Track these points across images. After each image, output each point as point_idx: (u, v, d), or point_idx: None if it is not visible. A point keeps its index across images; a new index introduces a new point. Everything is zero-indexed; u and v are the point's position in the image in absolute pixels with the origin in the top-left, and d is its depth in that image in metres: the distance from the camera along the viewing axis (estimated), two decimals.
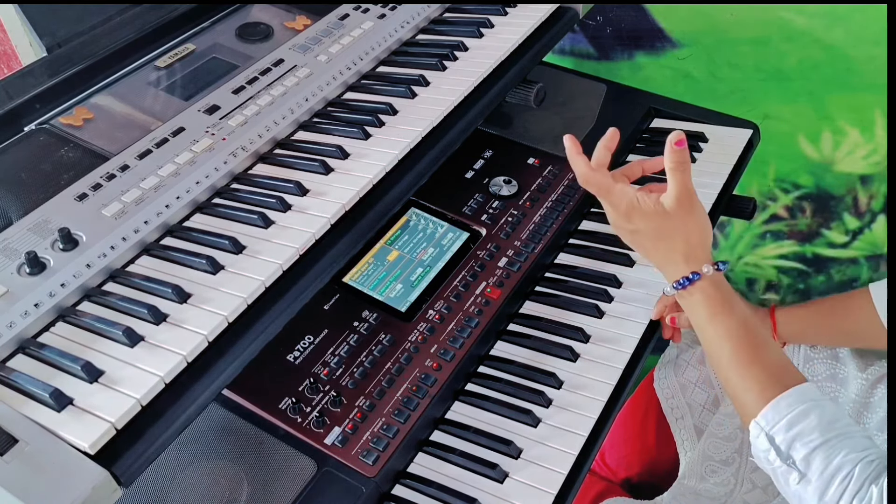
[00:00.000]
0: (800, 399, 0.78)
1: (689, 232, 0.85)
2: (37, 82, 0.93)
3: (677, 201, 0.84)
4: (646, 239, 0.87)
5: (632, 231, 0.88)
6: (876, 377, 1.10)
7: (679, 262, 0.86)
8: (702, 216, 0.86)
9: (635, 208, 0.86)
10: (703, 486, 1.15)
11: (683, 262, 0.85)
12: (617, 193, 0.87)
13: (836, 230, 1.58)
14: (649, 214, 0.86)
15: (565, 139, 0.91)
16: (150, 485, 0.85)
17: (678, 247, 0.85)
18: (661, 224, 0.85)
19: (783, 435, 0.77)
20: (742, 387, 0.81)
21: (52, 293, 0.74)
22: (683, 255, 0.85)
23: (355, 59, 1.04)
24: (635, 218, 0.86)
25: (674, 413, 1.24)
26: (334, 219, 0.85)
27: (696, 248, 0.85)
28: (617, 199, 0.87)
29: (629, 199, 0.87)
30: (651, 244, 0.87)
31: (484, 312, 1.03)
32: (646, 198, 0.86)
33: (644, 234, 0.87)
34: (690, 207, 0.85)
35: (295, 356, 0.96)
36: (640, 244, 0.89)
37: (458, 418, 0.96)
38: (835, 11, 1.34)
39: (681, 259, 0.85)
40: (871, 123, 1.43)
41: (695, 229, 0.85)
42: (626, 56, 1.57)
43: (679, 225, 0.85)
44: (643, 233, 0.87)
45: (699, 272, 0.85)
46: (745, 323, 0.84)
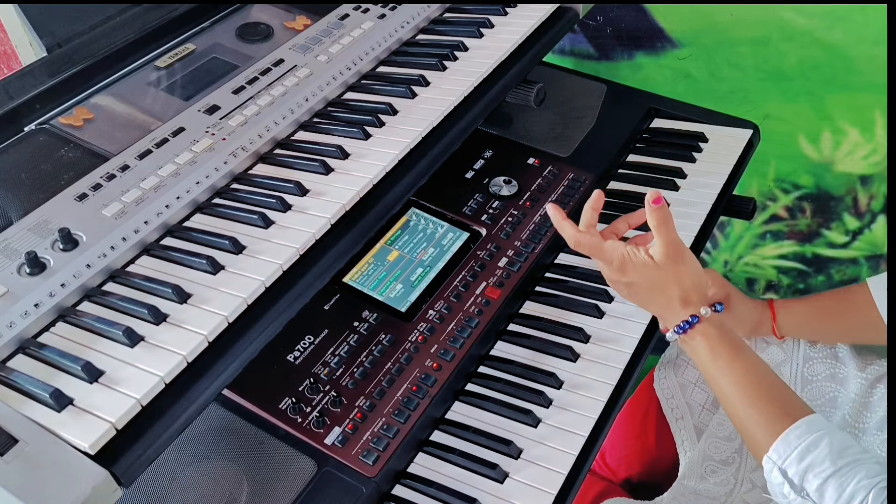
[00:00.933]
0: (809, 430, 0.79)
1: (682, 278, 0.88)
2: (37, 82, 0.93)
3: (666, 255, 0.88)
4: (641, 290, 0.90)
5: (627, 284, 0.91)
6: (875, 377, 1.09)
7: (676, 308, 0.88)
8: (692, 262, 0.89)
9: (627, 262, 0.89)
10: (703, 486, 1.15)
11: (681, 308, 0.88)
12: (608, 250, 0.91)
13: (836, 230, 1.58)
14: (641, 267, 0.89)
15: (549, 208, 0.95)
16: (150, 485, 0.85)
17: (674, 293, 0.88)
18: (653, 275, 0.88)
19: (795, 467, 0.78)
20: (751, 422, 0.83)
21: (52, 293, 0.74)
22: (680, 300, 0.88)
23: (355, 59, 1.04)
24: (629, 271, 0.90)
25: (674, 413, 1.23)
26: (334, 219, 0.85)
27: (690, 293, 0.88)
28: (609, 256, 0.91)
29: (620, 254, 0.90)
30: (647, 294, 0.91)
31: (484, 312, 1.03)
32: (636, 251, 0.89)
33: (639, 285, 0.90)
34: (679, 257, 0.88)
35: (295, 356, 0.96)
36: (637, 295, 0.92)
37: (459, 418, 0.96)
38: (835, 11, 1.34)
39: (678, 305, 0.88)
40: (871, 123, 1.43)
41: (687, 275, 0.88)
42: (626, 56, 1.57)
43: (671, 274, 0.88)
44: (638, 285, 0.90)
45: (697, 315, 0.88)
46: (748, 360, 0.86)
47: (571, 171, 1.22)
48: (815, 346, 1.15)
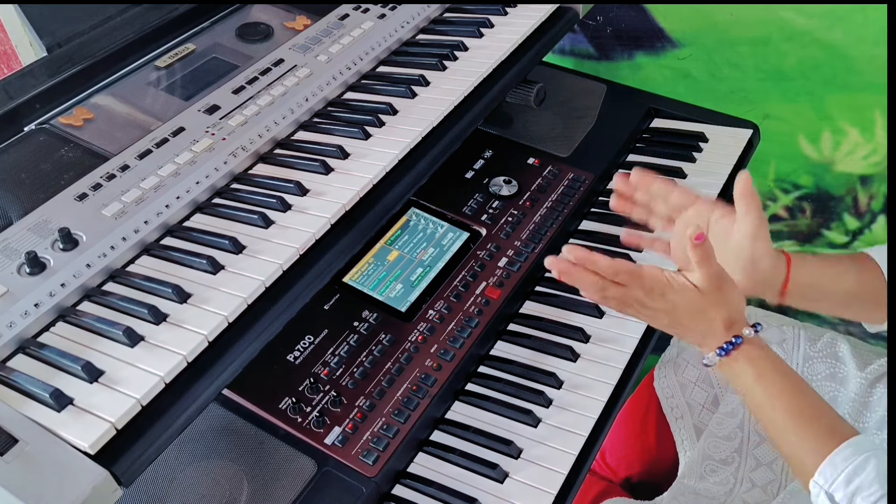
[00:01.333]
0: (856, 452, 0.76)
1: (725, 302, 0.85)
2: (37, 82, 0.93)
3: (709, 284, 0.84)
4: (683, 314, 0.86)
5: (668, 310, 0.87)
6: (875, 376, 1.10)
7: (718, 330, 0.85)
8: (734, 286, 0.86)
9: (668, 286, 0.85)
10: (703, 486, 1.15)
11: (723, 330, 0.85)
12: (647, 275, 0.86)
13: (836, 230, 1.58)
14: (683, 291, 0.85)
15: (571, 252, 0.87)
16: (150, 485, 0.85)
17: (717, 315, 0.85)
18: (696, 298, 0.85)
19: (843, 491, 0.75)
20: (797, 445, 0.80)
21: (52, 293, 0.74)
22: (723, 321, 0.85)
23: (355, 59, 1.04)
24: (670, 295, 0.86)
25: (673, 412, 1.24)
26: (334, 219, 0.85)
27: (733, 314, 0.85)
28: (649, 281, 0.86)
29: (660, 278, 0.86)
30: (689, 319, 0.86)
31: (484, 312, 1.03)
32: (676, 275, 0.86)
33: (680, 309, 0.86)
34: (721, 286, 0.85)
35: (295, 356, 0.96)
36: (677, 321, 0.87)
37: (458, 418, 0.96)
38: (835, 11, 1.34)
39: (720, 327, 0.85)
40: (871, 123, 1.43)
41: (730, 300, 0.85)
42: (626, 56, 1.57)
43: (714, 300, 0.84)
44: (679, 308, 0.86)
45: (740, 335, 0.84)
46: (793, 380, 0.83)
47: (571, 171, 1.22)
48: (815, 345, 1.15)
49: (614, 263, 0.86)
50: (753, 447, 1.15)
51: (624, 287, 0.86)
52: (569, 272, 0.86)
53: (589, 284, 0.86)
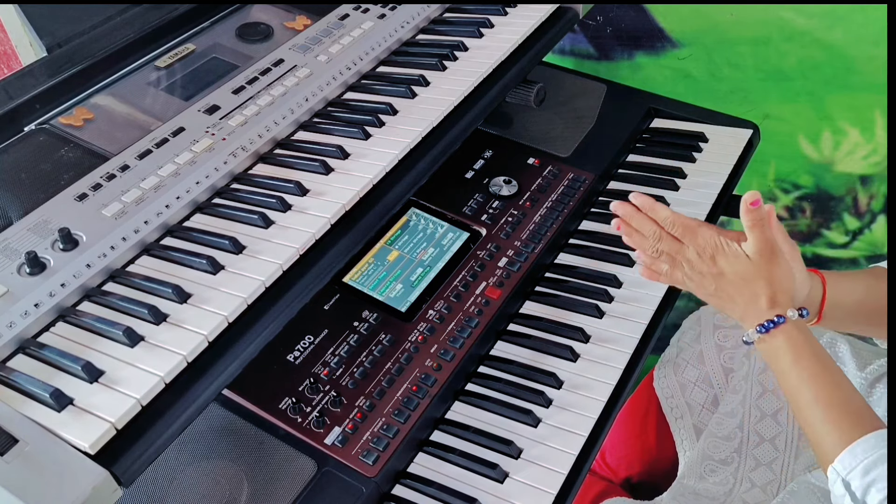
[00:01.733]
0: (877, 444, 0.76)
1: (773, 277, 0.85)
2: (37, 82, 0.93)
3: (759, 253, 0.85)
4: (729, 284, 0.86)
5: (715, 274, 0.87)
6: (875, 377, 1.10)
7: (763, 306, 0.85)
8: (785, 264, 0.86)
9: (720, 251, 0.86)
10: (703, 486, 1.15)
11: (767, 306, 0.84)
12: (703, 234, 0.87)
13: (836, 230, 1.58)
14: (734, 257, 0.85)
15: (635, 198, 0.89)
16: (150, 485, 0.85)
17: (763, 290, 0.85)
18: (745, 268, 0.85)
19: (858, 481, 0.75)
20: (823, 430, 0.80)
21: (52, 293, 0.74)
22: (768, 298, 0.84)
23: (355, 59, 1.04)
24: (720, 260, 0.86)
25: (673, 412, 1.24)
26: (334, 219, 0.85)
27: (779, 293, 0.85)
28: (702, 241, 0.87)
29: (714, 240, 0.86)
30: (734, 289, 0.86)
31: (484, 312, 1.03)
32: (730, 242, 0.86)
33: (728, 277, 0.86)
34: (773, 257, 0.85)
35: (295, 356, 0.96)
36: (723, 289, 0.87)
37: (458, 418, 0.96)
38: (835, 11, 1.34)
39: (765, 303, 0.85)
40: (871, 123, 1.43)
41: (779, 276, 0.85)
42: (626, 56, 1.57)
43: (763, 271, 0.85)
44: (727, 277, 0.86)
45: (784, 315, 0.84)
46: (827, 366, 0.83)
47: (571, 171, 1.22)
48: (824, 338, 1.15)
49: (674, 215, 0.88)
50: (753, 447, 1.15)
51: (678, 243, 0.87)
52: (632, 216, 0.89)
53: (648, 231, 0.88)
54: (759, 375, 1.16)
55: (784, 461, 1.13)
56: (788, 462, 1.12)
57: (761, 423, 1.15)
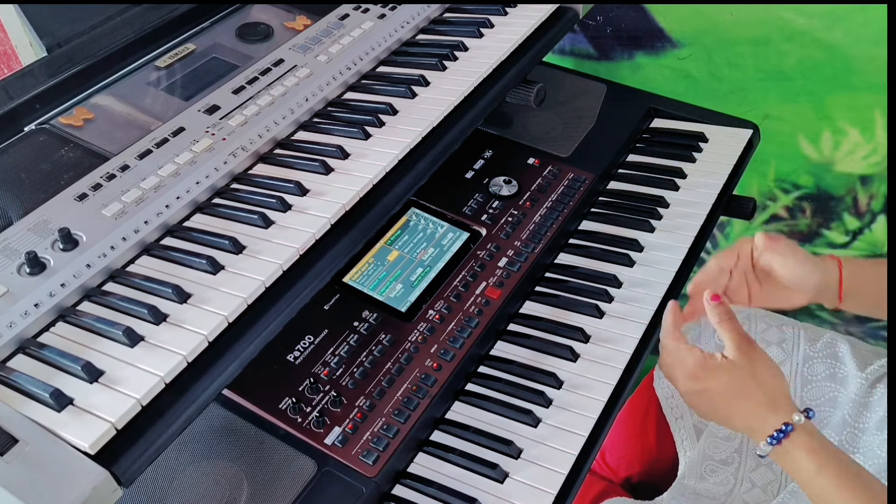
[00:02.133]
0: None
1: (763, 377, 0.82)
2: (37, 82, 0.93)
3: (738, 349, 0.83)
4: (720, 399, 0.84)
5: (699, 392, 0.85)
6: (875, 377, 1.10)
7: (764, 414, 0.81)
8: (767, 359, 0.84)
9: (699, 366, 0.84)
10: (703, 486, 1.15)
11: (769, 414, 0.81)
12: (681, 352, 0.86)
13: (836, 230, 1.58)
14: (716, 369, 0.83)
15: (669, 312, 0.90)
16: (150, 485, 0.85)
17: (758, 398, 0.82)
18: (731, 377, 0.82)
19: None
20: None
21: (52, 293, 0.74)
22: (766, 405, 0.81)
23: (355, 59, 1.04)
24: (700, 377, 0.84)
25: (673, 412, 1.24)
26: (334, 219, 0.85)
27: (776, 395, 0.82)
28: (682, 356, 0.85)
29: (694, 358, 0.85)
30: (727, 403, 0.84)
31: (484, 312, 1.03)
32: (712, 355, 0.84)
33: (716, 392, 0.84)
34: (752, 351, 0.83)
35: (295, 356, 0.96)
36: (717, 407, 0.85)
37: (458, 418, 0.96)
38: (835, 11, 1.34)
39: (765, 411, 0.81)
40: (871, 123, 1.43)
41: (767, 373, 0.83)
42: (626, 56, 1.57)
43: (750, 373, 0.82)
44: (715, 392, 0.84)
45: (790, 423, 0.80)
46: (848, 466, 0.80)
47: (571, 171, 1.22)
48: (815, 345, 1.15)
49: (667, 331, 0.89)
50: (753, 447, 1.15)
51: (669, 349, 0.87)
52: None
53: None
54: None
55: None
56: None
57: None
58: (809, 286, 0.94)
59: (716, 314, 0.84)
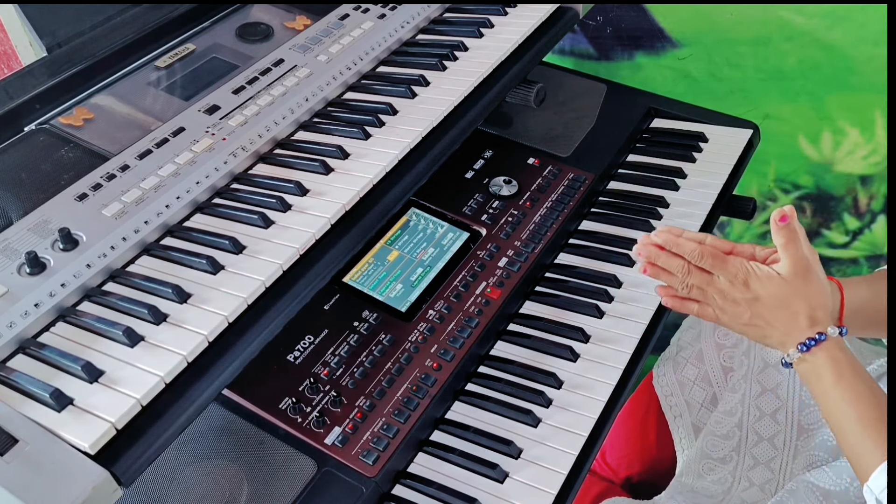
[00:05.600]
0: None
1: (810, 295, 0.83)
2: (37, 82, 0.93)
3: (794, 272, 0.83)
4: (765, 308, 0.84)
5: (750, 300, 0.85)
6: (875, 376, 1.09)
7: (802, 325, 0.83)
8: (821, 281, 0.84)
9: (752, 275, 0.84)
10: (701, 484, 1.15)
11: (807, 325, 0.83)
12: (732, 262, 0.85)
13: (836, 230, 1.58)
14: (766, 280, 0.83)
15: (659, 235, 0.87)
16: (150, 485, 0.85)
17: (801, 309, 0.83)
18: (780, 289, 0.83)
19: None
20: (864, 448, 0.79)
21: (53, 293, 0.74)
22: (807, 317, 0.83)
23: (355, 59, 1.04)
24: (754, 285, 0.84)
25: (672, 410, 1.24)
26: (334, 219, 0.85)
27: (818, 310, 0.83)
28: (733, 268, 0.85)
29: (745, 267, 0.85)
30: (770, 312, 0.84)
31: (484, 312, 1.03)
32: (761, 265, 0.84)
33: (764, 301, 0.84)
34: (807, 274, 0.83)
35: (295, 356, 0.96)
36: (760, 315, 0.85)
37: (458, 418, 0.96)
38: (835, 11, 1.34)
39: (804, 322, 0.83)
40: (871, 123, 1.43)
41: (815, 292, 0.83)
42: (626, 56, 1.57)
43: (799, 289, 0.83)
44: (763, 300, 0.84)
45: (825, 333, 0.82)
46: (869, 385, 0.81)
47: (571, 171, 1.22)
48: None
49: (701, 247, 0.86)
50: (752, 446, 1.15)
51: (707, 274, 0.85)
52: (657, 256, 0.87)
53: (675, 267, 0.86)
54: (758, 374, 1.16)
55: (782, 460, 1.13)
56: (787, 461, 1.12)
57: (760, 423, 1.15)
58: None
59: (783, 236, 0.83)
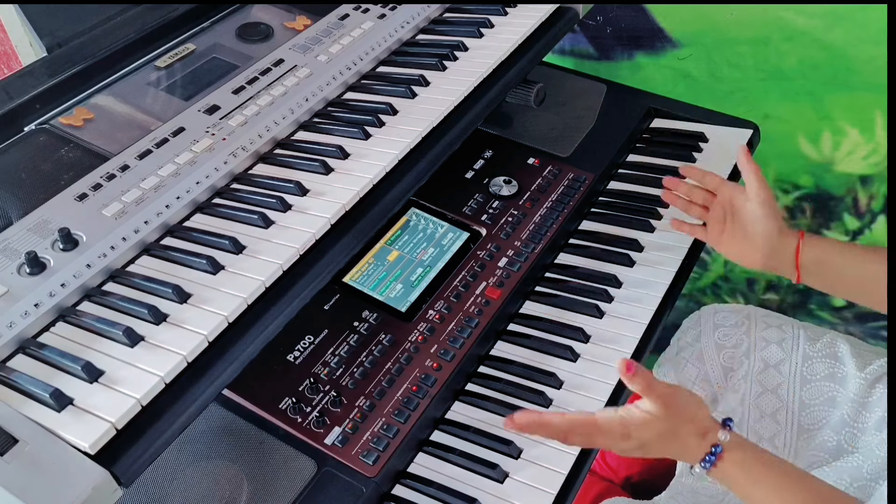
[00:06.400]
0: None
1: (687, 417, 0.84)
2: (37, 82, 0.93)
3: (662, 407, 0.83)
4: (652, 445, 0.85)
5: (635, 447, 0.85)
6: (875, 376, 1.09)
7: (693, 444, 0.84)
8: (690, 397, 0.85)
9: (627, 426, 0.84)
10: (701, 485, 1.15)
11: (697, 443, 0.84)
12: (603, 423, 0.84)
13: (836, 230, 1.58)
14: (642, 424, 0.84)
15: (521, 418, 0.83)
16: (150, 485, 0.85)
17: (685, 432, 0.84)
18: (657, 426, 0.83)
19: None
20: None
21: (52, 293, 0.74)
22: (694, 436, 0.84)
23: (355, 59, 1.04)
24: (632, 433, 0.84)
25: None
26: (334, 219, 0.85)
27: (701, 425, 0.84)
28: (607, 428, 0.84)
29: (616, 423, 0.84)
30: (658, 446, 0.85)
31: (484, 312, 1.03)
32: (631, 412, 0.84)
33: (647, 440, 0.84)
34: (675, 402, 0.84)
35: (295, 356, 0.96)
36: (650, 451, 0.86)
37: (458, 418, 0.96)
38: (835, 11, 1.34)
39: (694, 442, 0.84)
40: (871, 123, 1.43)
41: (691, 412, 0.84)
42: (626, 56, 1.57)
43: (675, 418, 0.84)
44: (647, 440, 0.84)
45: (718, 443, 0.83)
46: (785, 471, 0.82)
47: (571, 171, 1.22)
48: (815, 345, 1.15)
49: (568, 422, 0.83)
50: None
51: (587, 435, 0.84)
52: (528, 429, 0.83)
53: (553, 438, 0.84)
54: (758, 375, 1.16)
55: None
56: None
57: (760, 423, 1.15)
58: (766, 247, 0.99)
59: (636, 384, 0.83)
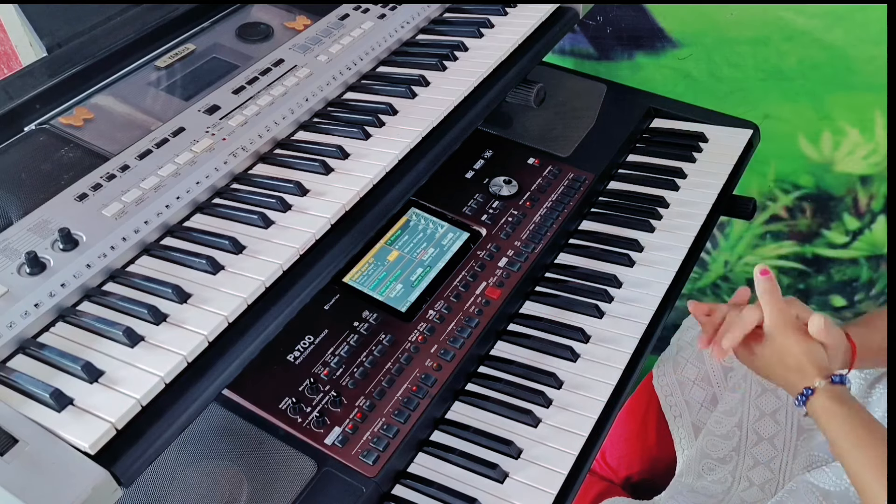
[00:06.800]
0: None
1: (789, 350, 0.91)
2: (37, 82, 0.93)
3: (771, 324, 0.93)
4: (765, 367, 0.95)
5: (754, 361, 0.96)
6: (875, 377, 1.10)
7: (794, 379, 0.91)
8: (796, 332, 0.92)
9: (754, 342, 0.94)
10: (701, 484, 1.15)
11: (798, 379, 0.90)
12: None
13: (836, 230, 1.58)
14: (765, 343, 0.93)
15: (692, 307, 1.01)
16: (150, 485, 0.85)
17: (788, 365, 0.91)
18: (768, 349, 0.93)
19: None
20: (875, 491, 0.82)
21: (52, 293, 0.74)
22: (795, 371, 0.90)
23: (355, 59, 1.04)
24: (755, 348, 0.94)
25: (672, 410, 1.24)
26: (334, 219, 0.85)
27: (803, 363, 0.90)
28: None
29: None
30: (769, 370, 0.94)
31: (484, 312, 1.03)
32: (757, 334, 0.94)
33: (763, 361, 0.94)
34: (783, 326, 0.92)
35: (295, 356, 0.96)
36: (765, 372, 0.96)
37: (458, 418, 0.96)
38: (835, 11, 1.34)
39: (794, 377, 0.91)
40: (871, 123, 1.43)
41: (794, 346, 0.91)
42: (626, 56, 1.57)
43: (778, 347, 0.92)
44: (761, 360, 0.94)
45: (811, 387, 0.89)
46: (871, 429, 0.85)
47: (571, 171, 1.22)
48: None
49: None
50: (751, 446, 1.15)
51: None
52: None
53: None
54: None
55: (782, 460, 1.13)
56: (787, 461, 1.13)
57: (760, 422, 1.15)
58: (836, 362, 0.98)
59: (761, 287, 0.93)
